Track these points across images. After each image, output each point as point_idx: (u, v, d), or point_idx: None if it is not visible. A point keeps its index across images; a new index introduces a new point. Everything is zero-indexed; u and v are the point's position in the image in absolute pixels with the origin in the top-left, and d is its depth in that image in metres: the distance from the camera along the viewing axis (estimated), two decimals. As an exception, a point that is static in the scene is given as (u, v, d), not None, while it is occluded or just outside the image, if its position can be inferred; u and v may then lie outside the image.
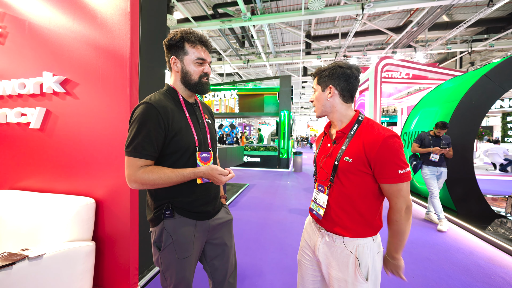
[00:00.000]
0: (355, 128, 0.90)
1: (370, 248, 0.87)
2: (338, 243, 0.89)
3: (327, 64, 0.96)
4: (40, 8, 1.65)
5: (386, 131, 0.83)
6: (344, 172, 0.87)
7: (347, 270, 0.86)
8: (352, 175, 0.86)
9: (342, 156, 0.88)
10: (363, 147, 0.84)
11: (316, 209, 0.97)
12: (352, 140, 0.88)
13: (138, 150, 0.87)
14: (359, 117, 0.92)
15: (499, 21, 7.17)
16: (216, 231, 1.08)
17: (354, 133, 0.89)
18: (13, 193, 1.62)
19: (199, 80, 1.00)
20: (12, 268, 1.04)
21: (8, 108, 1.71)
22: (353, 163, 0.85)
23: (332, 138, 0.96)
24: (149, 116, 0.89)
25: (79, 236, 1.42)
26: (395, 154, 0.80)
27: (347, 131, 0.91)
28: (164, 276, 0.99)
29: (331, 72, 0.92)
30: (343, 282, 0.86)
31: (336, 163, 0.89)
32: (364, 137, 0.86)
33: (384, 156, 0.81)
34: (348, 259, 0.86)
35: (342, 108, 0.94)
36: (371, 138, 0.83)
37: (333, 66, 0.93)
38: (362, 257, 0.85)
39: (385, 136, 0.81)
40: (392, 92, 11.06)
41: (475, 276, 2.00)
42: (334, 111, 0.94)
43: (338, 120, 0.95)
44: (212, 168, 0.93)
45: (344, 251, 0.87)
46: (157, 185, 0.89)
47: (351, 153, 0.86)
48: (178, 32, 0.96)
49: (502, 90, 3.29)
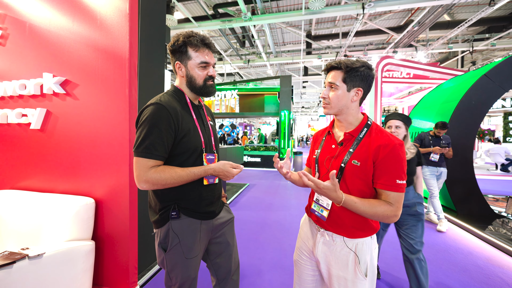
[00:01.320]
0: (364, 131, 0.88)
1: (368, 246, 0.88)
2: (338, 242, 0.89)
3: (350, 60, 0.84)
4: (41, 10, 1.66)
5: (396, 139, 0.83)
6: (351, 174, 0.86)
7: (347, 268, 0.86)
8: (358, 179, 0.85)
9: (350, 159, 0.86)
10: (371, 151, 0.83)
11: (318, 210, 0.95)
12: (361, 143, 0.87)
13: (149, 150, 0.87)
14: (368, 121, 0.91)
15: (500, 20, 7.13)
16: (219, 230, 1.10)
17: (363, 137, 0.88)
18: (14, 193, 1.64)
19: (204, 83, 1.01)
20: (12, 267, 1.05)
21: (9, 109, 1.73)
22: (361, 167, 0.84)
23: (338, 140, 0.93)
24: (160, 116, 0.89)
25: (79, 235, 1.44)
26: (399, 163, 0.81)
27: (356, 134, 0.89)
28: (169, 276, 1.00)
29: (363, 73, 0.85)
30: (343, 280, 0.87)
31: (343, 165, 0.87)
32: (373, 141, 0.85)
33: (390, 162, 0.81)
34: (348, 257, 0.87)
35: (356, 110, 0.91)
36: (383, 142, 0.83)
37: (363, 66, 0.85)
38: (361, 255, 0.86)
39: (396, 143, 0.81)
40: (393, 92, 11.04)
41: (473, 276, 2.01)
42: (349, 113, 0.90)
43: (349, 122, 0.92)
44: (223, 163, 0.95)
45: (344, 249, 0.88)
46: (168, 184, 0.89)
47: (359, 157, 0.85)
48: (181, 36, 0.96)
49: (502, 90, 3.28)
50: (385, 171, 0.81)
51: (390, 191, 0.81)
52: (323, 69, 0.96)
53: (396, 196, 0.81)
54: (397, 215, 0.81)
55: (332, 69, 0.90)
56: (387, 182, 0.81)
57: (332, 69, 0.90)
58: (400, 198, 0.81)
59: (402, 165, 0.81)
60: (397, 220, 0.81)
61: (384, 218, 0.81)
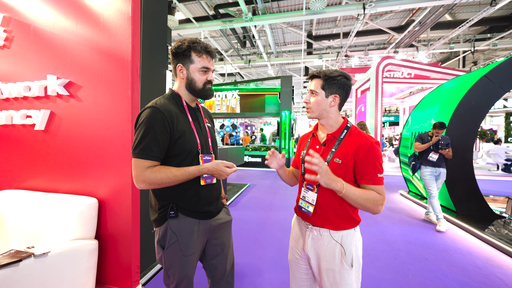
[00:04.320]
0: (344, 133, 0.98)
1: (352, 237, 0.96)
2: (325, 235, 0.96)
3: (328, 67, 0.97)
4: (45, 13, 1.69)
5: (373, 138, 0.94)
6: (333, 172, 0.91)
7: (334, 260, 0.93)
8: (340, 175, 0.91)
9: (332, 158, 0.95)
10: (352, 149, 0.92)
11: (305, 206, 1.03)
12: (342, 143, 0.96)
13: (145, 152, 0.91)
14: (348, 124, 1.01)
15: (502, 20, 7.11)
16: (216, 231, 1.12)
17: (344, 137, 0.97)
18: (19, 192, 1.67)
19: (203, 87, 1.06)
20: (19, 265, 1.08)
21: (14, 110, 1.76)
22: (342, 164, 0.93)
23: (322, 141, 1.03)
24: (155, 119, 0.93)
25: (83, 234, 1.47)
26: (377, 159, 0.91)
27: (337, 135, 0.99)
28: (167, 273, 1.03)
29: (339, 81, 0.95)
30: (331, 272, 0.93)
31: (327, 163, 0.94)
32: (353, 141, 0.94)
33: (369, 158, 0.90)
34: (334, 249, 0.94)
35: (336, 114, 1.00)
36: (361, 141, 0.93)
37: (340, 76, 0.95)
38: (346, 246, 0.94)
39: (372, 141, 0.92)
40: (394, 92, 11.03)
41: (472, 276, 2.02)
42: (330, 117, 1.00)
43: (330, 125, 1.01)
44: (216, 162, 0.97)
45: (331, 242, 0.95)
46: (164, 184, 0.93)
47: (340, 155, 0.94)
48: (186, 41, 1.00)
49: (502, 91, 3.28)
50: (367, 168, 0.90)
51: (374, 185, 0.90)
52: (306, 77, 1.06)
53: (380, 189, 0.90)
54: (382, 204, 0.90)
55: (313, 77, 1.01)
56: (370, 177, 0.90)
57: (313, 77, 1.01)
58: (383, 189, 0.91)
59: (380, 161, 0.91)
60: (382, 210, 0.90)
61: (374, 205, 0.89)
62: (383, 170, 0.93)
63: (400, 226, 3.17)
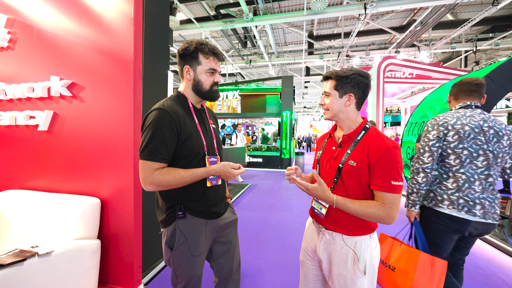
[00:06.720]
0: (361, 134, 0.93)
1: (367, 244, 0.91)
2: (338, 240, 0.93)
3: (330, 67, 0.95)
4: (48, 14, 1.71)
5: (391, 142, 0.86)
6: (348, 174, 0.90)
7: (346, 266, 0.90)
8: (354, 179, 0.89)
9: (347, 160, 0.91)
10: (367, 152, 0.87)
11: (318, 208, 1.00)
12: (358, 145, 0.91)
13: (153, 153, 0.91)
14: (366, 125, 0.95)
15: (504, 20, 7.07)
16: (223, 230, 1.13)
17: (360, 139, 0.92)
18: (22, 192, 1.68)
19: (210, 88, 1.06)
20: (23, 264, 1.09)
21: (17, 111, 1.78)
22: (357, 167, 0.88)
23: (338, 142, 0.99)
24: (163, 121, 0.93)
25: (85, 234, 1.48)
26: (393, 165, 0.83)
27: (354, 136, 0.94)
28: (175, 274, 1.03)
29: (353, 80, 0.91)
30: (343, 277, 0.90)
31: (341, 165, 0.92)
32: (369, 143, 0.89)
33: (383, 163, 0.83)
34: (347, 255, 0.90)
35: (354, 115, 0.96)
36: (376, 144, 0.87)
37: (354, 74, 0.91)
38: (360, 252, 0.89)
39: (389, 145, 0.84)
40: (395, 92, 10.99)
41: (473, 277, 2.02)
42: (346, 117, 0.96)
43: (347, 125, 0.97)
44: (224, 164, 0.98)
45: (344, 248, 0.91)
46: (172, 186, 0.93)
47: (355, 157, 0.89)
48: (193, 43, 1.01)
49: (504, 91, 3.26)
50: (380, 173, 0.84)
51: (385, 192, 0.83)
52: (321, 80, 1.03)
53: (391, 198, 0.82)
54: (391, 217, 0.82)
55: (327, 78, 0.98)
56: (382, 183, 0.83)
57: (327, 78, 0.98)
58: (395, 199, 0.82)
59: (397, 167, 0.83)
60: (394, 222, 0.81)
61: (376, 219, 0.83)
62: (402, 178, 0.84)
63: (401, 227, 3.16)
